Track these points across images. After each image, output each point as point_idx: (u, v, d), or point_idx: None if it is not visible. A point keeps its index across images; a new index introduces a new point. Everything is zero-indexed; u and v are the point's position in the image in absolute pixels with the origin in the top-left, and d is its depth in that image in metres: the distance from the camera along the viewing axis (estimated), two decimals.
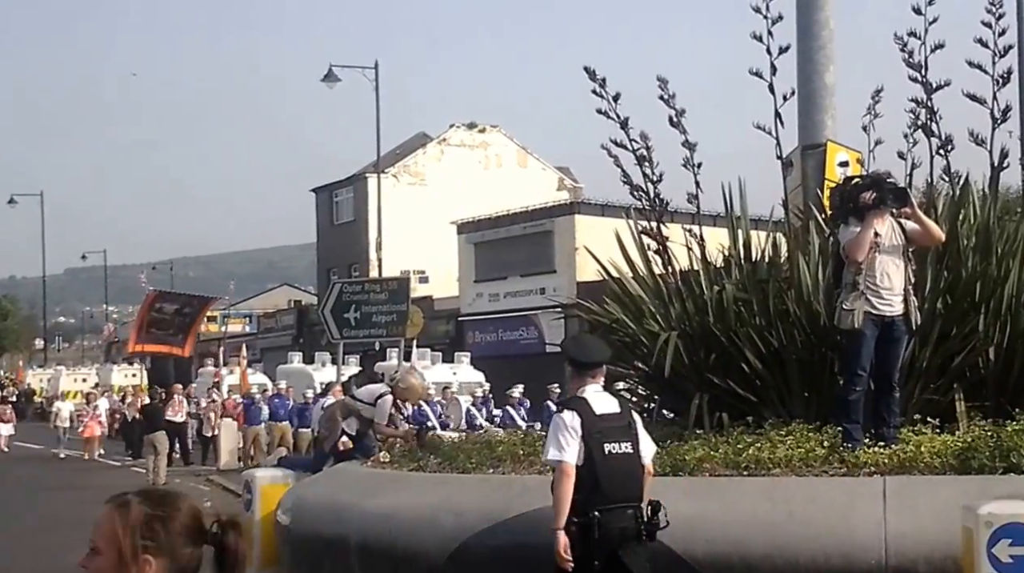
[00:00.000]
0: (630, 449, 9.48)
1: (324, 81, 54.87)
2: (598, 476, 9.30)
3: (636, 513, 9.42)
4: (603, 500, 9.31)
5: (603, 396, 9.76)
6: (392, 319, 29.01)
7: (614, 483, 9.35)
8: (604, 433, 9.40)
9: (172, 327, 41.31)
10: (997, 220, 13.01)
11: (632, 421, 9.68)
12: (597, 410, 9.50)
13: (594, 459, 9.32)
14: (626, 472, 9.42)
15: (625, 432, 9.53)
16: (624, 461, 9.41)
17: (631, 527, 9.39)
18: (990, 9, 12.94)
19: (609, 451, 9.36)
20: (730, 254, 13.92)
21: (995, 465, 10.18)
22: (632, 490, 9.45)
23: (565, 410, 9.66)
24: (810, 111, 15.13)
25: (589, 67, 13.82)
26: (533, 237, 56.92)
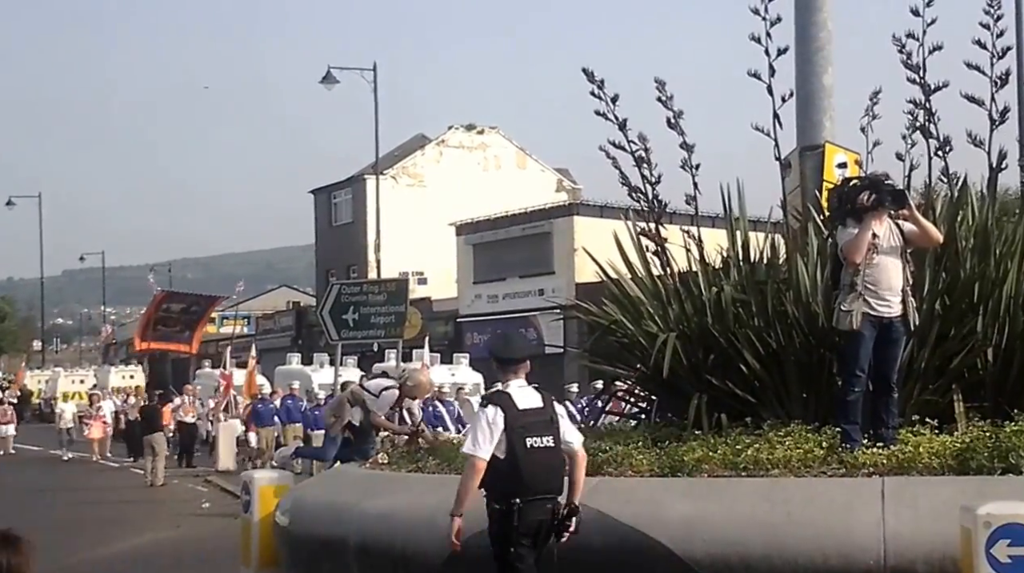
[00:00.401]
0: (551, 443, 9.75)
1: (322, 83, 54.93)
2: (520, 468, 9.62)
3: (554, 507, 9.78)
4: (524, 491, 9.63)
5: (526, 391, 9.98)
6: (390, 320, 28.99)
7: (535, 475, 9.66)
8: (526, 427, 9.70)
9: (179, 325, 41.19)
10: (995, 221, 13.01)
11: (554, 415, 9.92)
12: (520, 405, 9.79)
13: (516, 452, 9.63)
14: (546, 465, 9.72)
15: (547, 426, 9.79)
16: (545, 454, 9.71)
17: (547, 520, 9.76)
18: (988, 11, 12.97)
19: (531, 445, 9.66)
20: (728, 255, 13.91)
21: (993, 466, 10.19)
22: (552, 483, 9.77)
23: (489, 405, 9.95)
24: (808, 112, 15.13)
25: (587, 69, 13.88)
26: (532, 238, 56.96)
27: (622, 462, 11.73)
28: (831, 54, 15.33)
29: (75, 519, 25.80)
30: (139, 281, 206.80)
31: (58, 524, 24.59)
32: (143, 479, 34.49)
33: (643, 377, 14.12)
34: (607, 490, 11.13)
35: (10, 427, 51.01)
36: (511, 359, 10.23)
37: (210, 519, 25.07)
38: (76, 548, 21.13)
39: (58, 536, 22.64)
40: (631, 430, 13.72)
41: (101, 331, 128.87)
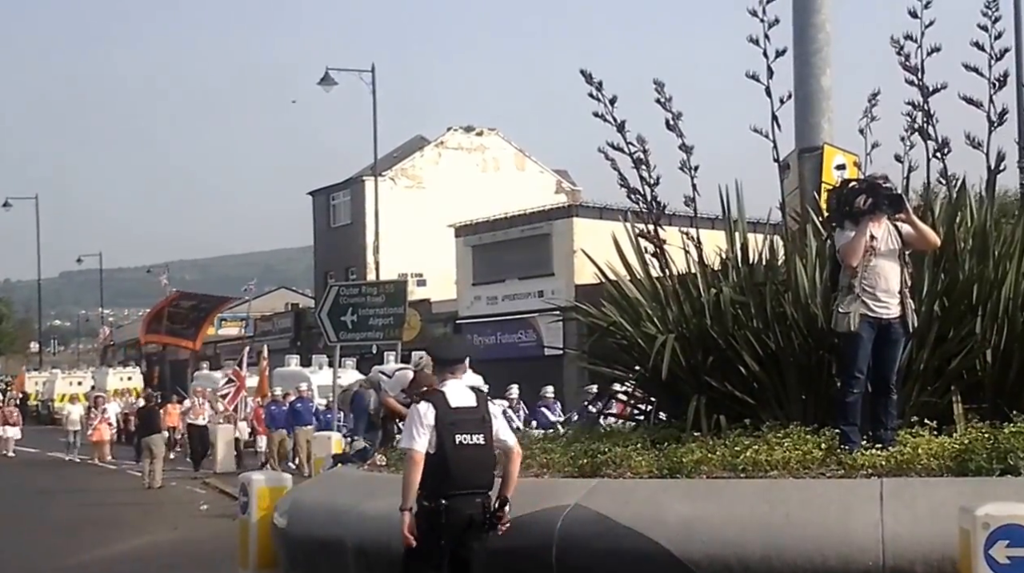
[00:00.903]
0: (481, 441, 10.18)
1: (321, 84, 54.91)
2: (448, 464, 10.04)
3: (484, 501, 10.19)
4: (452, 487, 10.05)
5: (461, 390, 10.40)
6: (389, 322, 29.07)
7: (463, 471, 10.07)
8: (456, 425, 10.12)
9: (185, 322, 41.14)
10: (994, 223, 13.00)
11: (487, 415, 10.34)
12: (452, 403, 10.22)
13: (445, 449, 10.06)
14: (476, 462, 10.15)
15: (478, 425, 10.22)
16: (474, 451, 10.13)
17: (478, 514, 10.15)
18: (986, 12, 12.96)
19: (460, 442, 10.08)
20: (727, 257, 13.90)
21: (992, 467, 10.20)
22: (481, 479, 10.21)
23: (422, 402, 10.43)
24: (807, 114, 15.13)
25: (586, 71, 13.87)
26: (531, 240, 56.93)
27: (621, 463, 11.76)
28: (829, 56, 15.34)
29: (73, 521, 25.85)
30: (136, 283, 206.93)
31: (56, 526, 24.67)
32: (141, 481, 34.52)
33: (642, 378, 14.15)
34: (606, 491, 11.17)
35: (15, 429, 51.01)
36: (448, 360, 10.75)
37: (208, 520, 25.12)
38: (74, 550, 21.19)
39: (56, 538, 22.73)
40: (630, 431, 13.73)
41: (99, 333, 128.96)
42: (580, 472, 12.00)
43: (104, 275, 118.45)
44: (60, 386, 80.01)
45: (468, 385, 10.56)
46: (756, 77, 13.18)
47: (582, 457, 12.22)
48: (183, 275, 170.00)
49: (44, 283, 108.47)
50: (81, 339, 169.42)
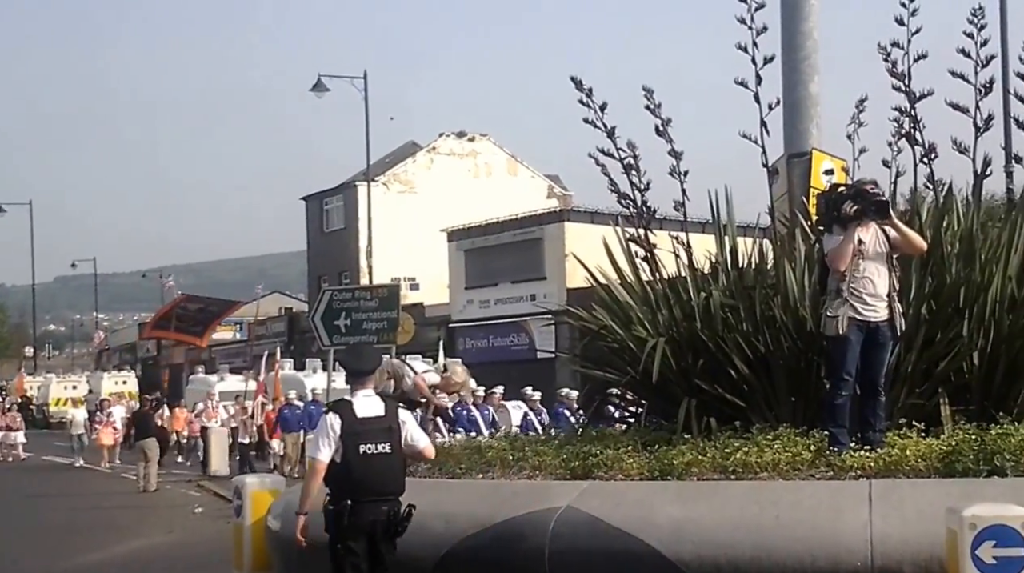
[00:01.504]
0: (388, 449, 10.62)
1: (313, 91, 54.87)
2: (351, 472, 10.50)
3: (391, 508, 10.63)
4: (356, 493, 10.50)
5: (370, 400, 10.84)
6: (383, 326, 29.04)
7: (367, 479, 10.52)
8: (361, 435, 10.56)
9: (192, 321, 40.85)
10: (980, 227, 13.07)
11: (394, 424, 10.79)
12: (359, 413, 10.66)
13: (348, 457, 10.50)
14: (380, 470, 10.58)
15: (385, 434, 10.66)
16: (378, 460, 10.57)
17: (382, 520, 10.60)
18: (972, 20, 13.04)
19: (364, 451, 10.52)
20: (717, 261, 13.95)
21: (979, 468, 10.28)
22: (387, 486, 10.63)
23: (329, 413, 10.90)
24: (795, 120, 15.17)
25: (576, 77, 13.92)
26: (523, 244, 57.05)
27: (612, 466, 11.82)
28: (817, 63, 15.37)
29: (68, 524, 25.88)
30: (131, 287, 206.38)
31: (51, 529, 24.71)
32: (135, 484, 34.52)
33: (633, 381, 14.11)
34: (598, 493, 11.22)
35: (20, 434, 50.62)
36: (359, 371, 11.12)
37: (203, 524, 25.16)
38: (69, 553, 21.22)
39: (51, 541, 22.77)
40: (621, 434, 13.76)
41: (93, 337, 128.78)
42: (572, 474, 12.05)
43: (99, 280, 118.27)
44: (55, 390, 79.92)
45: (380, 394, 11.13)
46: (745, 84, 13.26)
47: (574, 459, 12.26)
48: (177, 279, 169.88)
49: (39, 288, 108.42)
50: (76, 343, 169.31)
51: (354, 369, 11.23)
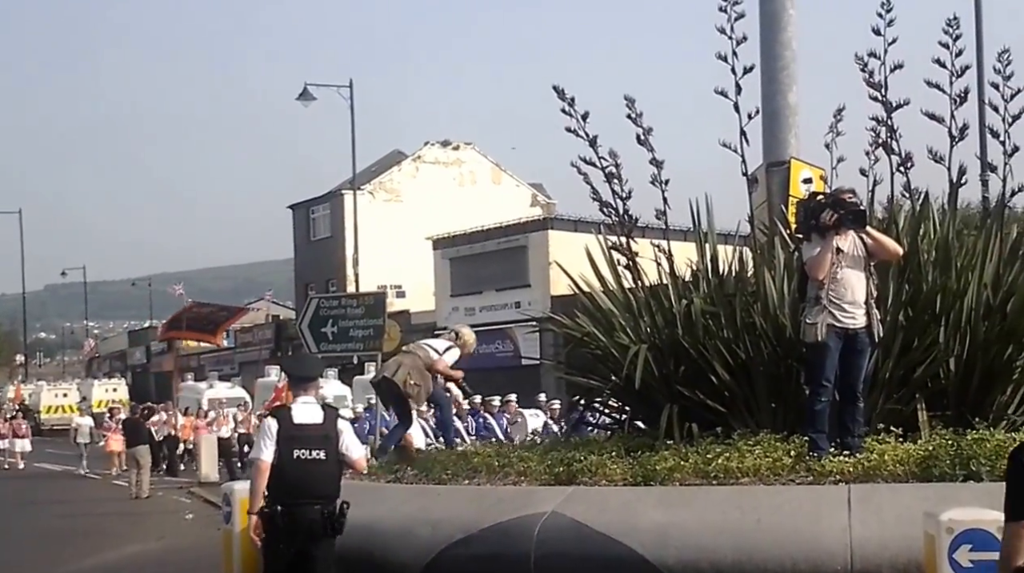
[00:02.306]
0: (322, 456, 10.85)
1: (299, 99, 54.84)
2: (285, 476, 10.78)
3: (323, 510, 10.80)
4: (289, 496, 10.75)
5: (310, 407, 11.10)
6: (369, 333, 29.07)
7: (300, 483, 10.76)
8: (296, 440, 10.82)
9: (205, 321, 40.48)
10: (956, 235, 13.23)
11: (332, 432, 11.00)
12: (296, 420, 10.94)
13: (283, 461, 10.77)
14: (313, 474, 10.82)
15: (320, 441, 10.89)
16: (312, 465, 10.81)
17: (317, 521, 10.79)
18: (947, 31, 13.14)
19: (297, 456, 10.78)
20: (698, 268, 14.09)
21: (956, 473, 10.39)
22: (320, 490, 10.83)
23: (269, 417, 11.36)
24: (774, 129, 15.28)
25: (558, 87, 14.00)
26: (507, 252, 57.14)
27: (596, 471, 11.90)
28: (796, 72, 15.48)
29: (59, 531, 25.88)
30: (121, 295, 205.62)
31: (42, 536, 24.71)
32: (127, 491, 34.46)
33: (616, 388, 14.22)
34: (582, 499, 11.30)
35: (26, 442, 49.61)
36: (301, 377, 11.49)
37: (194, 530, 25.17)
38: (60, 560, 21.25)
39: (42, 549, 22.79)
40: (605, 440, 13.88)
41: (83, 345, 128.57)
42: (556, 480, 12.13)
43: (88, 288, 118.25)
44: (46, 398, 79.71)
45: (323, 402, 11.38)
46: (725, 93, 13.31)
47: (558, 465, 12.34)
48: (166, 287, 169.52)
49: (29, 296, 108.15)
50: (66, 351, 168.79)
51: (296, 375, 11.65)
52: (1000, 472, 10.28)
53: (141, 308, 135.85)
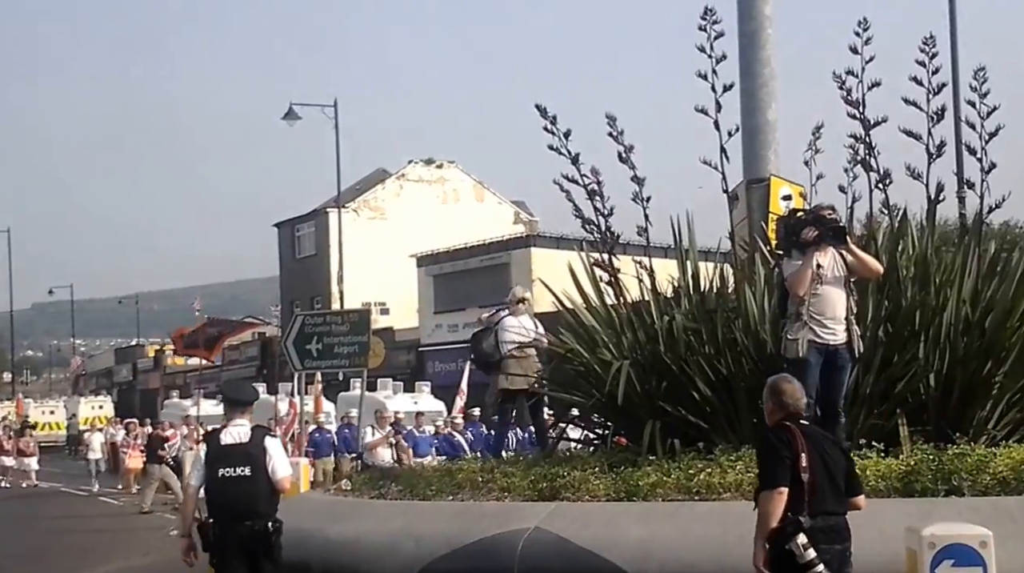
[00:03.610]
0: (247, 472, 11.32)
1: (284, 119, 54.71)
2: (212, 493, 11.41)
3: (254, 525, 11.30)
4: (219, 512, 11.36)
5: (239, 429, 11.61)
6: (354, 350, 29.11)
7: (227, 500, 11.32)
8: (221, 459, 11.39)
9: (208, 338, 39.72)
10: (935, 251, 13.31)
11: (257, 450, 11.46)
12: (223, 441, 11.51)
13: (209, 481, 11.40)
14: (238, 492, 11.31)
15: (244, 458, 11.38)
16: (236, 482, 11.31)
17: (247, 536, 11.29)
18: (924, 49, 13.23)
19: (222, 474, 11.32)
20: (679, 285, 14.13)
21: (937, 488, 10.48)
22: (247, 507, 11.31)
23: (200, 442, 12.35)
24: (754, 146, 15.35)
25: (540, 105, 14.08)
26: (490, 269, 57.19)
27: (579, 487, 11.96)
28: (775, 90, 15.57)
29: (47, 548, 25.78)
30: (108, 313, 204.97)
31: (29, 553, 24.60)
32: (114, 507, 34.12)
33: (599, 404, 14.28)
34: (565, 514, 11.35)
35: (33, 460, 47.56)
36: (235, 402, 12.04)
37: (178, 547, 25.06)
38: None
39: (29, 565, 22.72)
40: (588, 456, 13.89)
41: (71, 362, 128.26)
42: (540, 496, 12.19)
43: (75, 306, 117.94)
44: (33, 415, 79.36)
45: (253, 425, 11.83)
46: (705, 111, 13.41)
47: (542, 481, 12.41)
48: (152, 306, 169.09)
49: (16, 314, 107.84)
50: (53, 369, 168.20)
51: (230, 399, 12.22)
52: (982, 487, 10.38)
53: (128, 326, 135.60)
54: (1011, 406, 12.85)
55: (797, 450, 8.37)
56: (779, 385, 8.99)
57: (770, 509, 8.32)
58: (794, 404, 8.84)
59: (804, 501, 8.30)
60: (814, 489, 8.35)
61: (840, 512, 8.64)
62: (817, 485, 8.37)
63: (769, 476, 8.45)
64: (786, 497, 8.31)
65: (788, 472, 8.33)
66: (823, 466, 8.48)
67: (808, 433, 8.63)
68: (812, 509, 8.33)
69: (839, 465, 8.70)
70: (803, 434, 8.53)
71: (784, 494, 8.31)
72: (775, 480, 8.37)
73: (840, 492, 8.64)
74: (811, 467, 8.36)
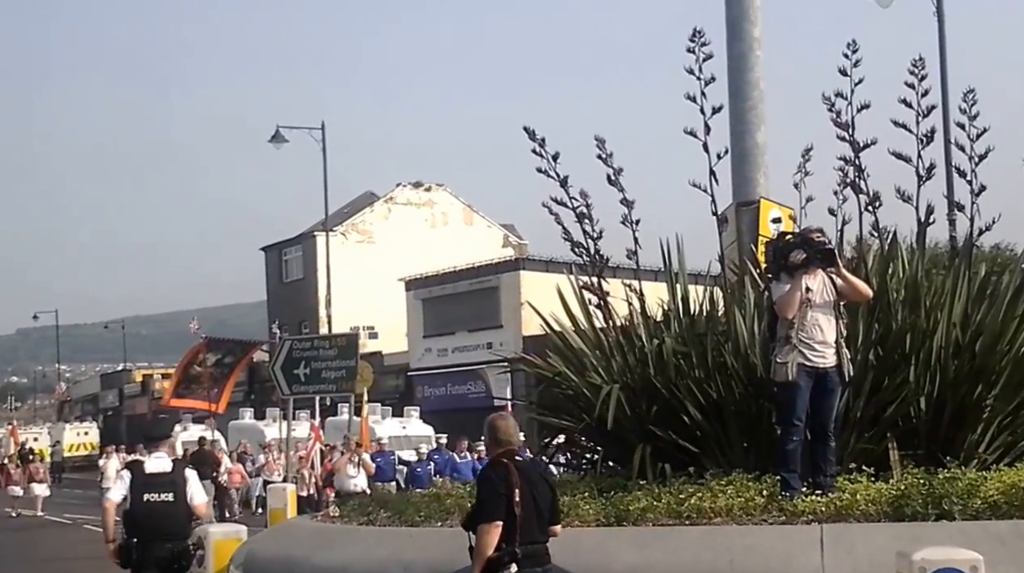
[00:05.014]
0: (171, 498, 13.04)
1: (272, 142, 54.75)
2: (136, 516, 13.01)
3: (174, 546, 13.05)
4: (142, 533, 12.97)
5: (160, 461, 13.36)
6: (342, 374, 29.11)
7: (151, 522, 12.94)
8: (147, 486, 13.02)
9: (210, 381, 37.91)
10: (925, 274, 13.30)
11: (178, 479, 13.22)
12: (148, 470, 13.20)
13: (134, 503, 13.00)
14: (161, 515, 12.99)
15: (168, 485, 13.10)
16: (160, 507, 12.99)
17: (167, 557, 13.01)
18: (913, 71, 13.24)
19: (147, 499, 12.97)
20: (669, 308, 14.11)
21: (928, 512, 10.42)
22: (169, 528, 13.05)
23: (124, 469, 13.88)
24: (743, 169, 15.37)
25: (529, 128, 14.09)
26: (479, 293, 57.21)
27: (569, 512, 11.77)
28: (764, 112, 15.59)
29: None
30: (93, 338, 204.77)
31: None
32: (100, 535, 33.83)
33: (588, 428, 14.20)
34: (555, 540, 11.26)
35: (44, 486, 46.52)
36: (153, 437, 14.05)
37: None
38: None
39: None
40: (578, 480, 13.83)
41: (55, 389, 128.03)
42: None
43: (60, 331, 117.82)
44: None
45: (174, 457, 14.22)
46: (694, 133, 13.42)
47: None
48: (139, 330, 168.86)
49: (1, 340, 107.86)
50: (38, 395, 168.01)
51: (149, 435, 14.30)
52: (973, 511, 10.33)
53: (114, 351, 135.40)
54: (1002, 430, 12.80)
55: (512, 486, 9.43)
56: (495, 422, 10.06)
57: (488, 541, 9.36)
58: (507, 440, 9.86)
59: (516, 532, 9.38)
60: (524, 521, 9.42)
61: (542, 540, 9.70)
62: (526, 518, 9.44)
63: (487, 511, 9.48)
64: (501, 529, 9.35)
65: (504, 507, 9.37)
66: (532, 499, 9.54)
67: (522, 468, 9.68)
68: (521, 539, 9.40)
69: (546, 498, 9.77)
70: (518, 469, 9.58)
71: (499, 527, 9.35)
72: (492, 514, 9.41)
73: (544, 522, 9.74)
74: (523, 502, 9.44)
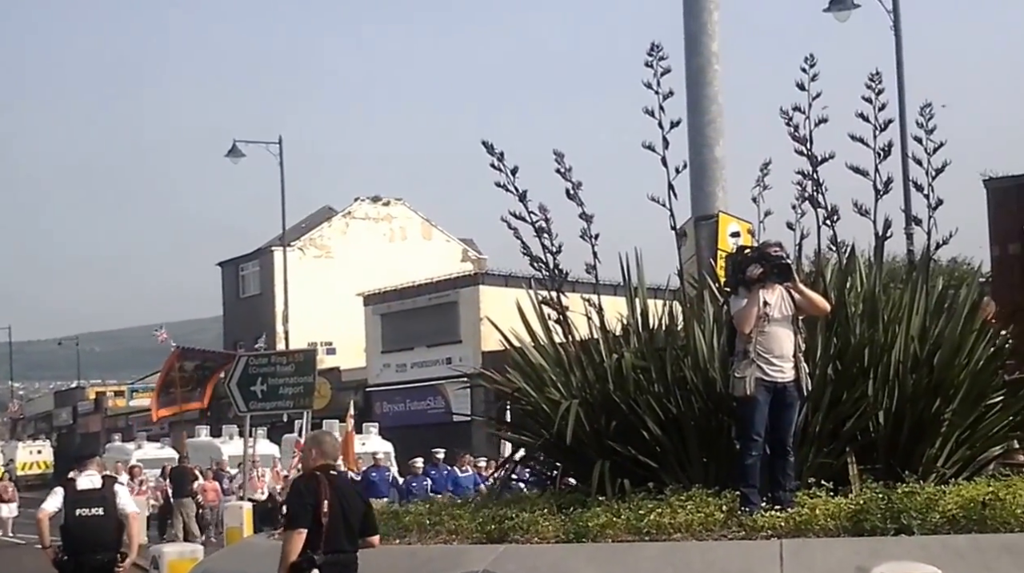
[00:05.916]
0: (101, 512, 14.36)
1: (228, 156, 54.53)
2: (70, 529, 14.36)
3: (104, 557, 14.34)
4: (75, 545, 14.31)
5: (91, 478, 14.74)
6: (299, 391, 28.91)
7: (84, 533, 14.30)
8: (78, 502, 14.34)
9: (191, 383, 37.64)
10: (883, 288, 13.30)
11: (109, 493, 14.60)
12: (79, 487, 14.53)
13: (67, 518, 14.32)
14: (93, 528, 14.32)
15: (99, 501, 14.41)
16: (92, 520, 14.33)
17: (98, 566, 14.28)
18: (870, 85, 13.26)
19: (79, 514, 14.28)
20: (628, 323, 14.06)
21: (887, 526, 10.42)
22: (100, 540, 14.38)
23: (58, 486, 14.95)
24: (702, 183, 15.41)
25: (487, 142, 14.06)
26: (438, 308, 57.15)
27: (528, 529, 11.85)
28: (722, 126, 15.64)
29: None
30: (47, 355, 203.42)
31: None
32: None
33: (547, 444, 14.18)
34: (514, 556, 11.24)
35: (13, 506, 44.58)
36: (80, 457, 15.62)
37: None
38: None
39: None
40: (536, 497, 13.76)
41: (8, 406, 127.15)
42: (488, 538, 12.08)
43: (14, 348, 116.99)
44: None
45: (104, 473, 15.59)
46: (652, 147, 13.41)
47: (490, 523, 12.30)
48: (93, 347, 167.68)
49: None
50: None
51: (77, 456, 16.13)
52: (931, 526, 10.34)
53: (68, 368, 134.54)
54: (960, 444, 12.81)
55: (320, 497, 10.18)
56: (322, 438, 11.06)
57: (292, 547, 10.14)
58: (331, 455, 10.80)
59: (320, 540, 10.11)
60: (329, 531, 10.17)
61: (350, 550, 10.46)
62: (332, 527, 10.19)
63: (292, 518, 10.30)
64: (305, 536, 10.09)
65: (309, 515, 10.14)
66: (341, 511, 10.30)
67: (334, 483, 10.49)
68: (327, 547, 10.15)
69: (357, 511, 10.59)
70: (330, 483, 10.36)
71: (303, 534, 10.11)
72: (296, 522, 10.22)
73: (354, 533, 10.52)
74: (330, 512, 10.17)
